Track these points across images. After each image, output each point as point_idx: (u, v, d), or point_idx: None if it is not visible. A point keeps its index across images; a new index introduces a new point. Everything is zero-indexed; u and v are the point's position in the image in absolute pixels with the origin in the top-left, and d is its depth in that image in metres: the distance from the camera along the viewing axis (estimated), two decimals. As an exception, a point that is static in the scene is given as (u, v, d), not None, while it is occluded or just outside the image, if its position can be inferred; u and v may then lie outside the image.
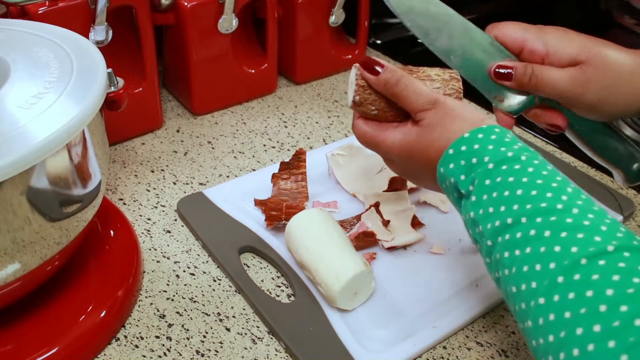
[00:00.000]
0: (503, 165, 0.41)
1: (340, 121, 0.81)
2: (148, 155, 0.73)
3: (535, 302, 0.35)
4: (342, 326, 0.50)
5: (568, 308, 0.33)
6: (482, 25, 0.56)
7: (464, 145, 0.43)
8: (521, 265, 0.37)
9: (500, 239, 0.39)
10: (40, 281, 0.48)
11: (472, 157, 0.42)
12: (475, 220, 0.41)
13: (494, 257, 0.40)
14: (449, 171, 0.43)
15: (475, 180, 0.42)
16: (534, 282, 0.36)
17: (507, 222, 0.39)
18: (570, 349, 0.32)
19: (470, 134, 0.43)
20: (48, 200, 0.43)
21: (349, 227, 0.60)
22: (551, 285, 0.34)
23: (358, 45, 0.92)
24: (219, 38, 0.76)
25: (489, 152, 0.42)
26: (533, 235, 0.37)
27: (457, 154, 0.43)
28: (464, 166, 0.42)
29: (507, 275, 0.38)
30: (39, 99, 0.43)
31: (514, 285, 0.37)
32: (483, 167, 0.41)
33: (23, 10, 0.61)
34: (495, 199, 0.40)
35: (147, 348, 0.50)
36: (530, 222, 0.38)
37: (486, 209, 0.40)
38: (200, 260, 0.58)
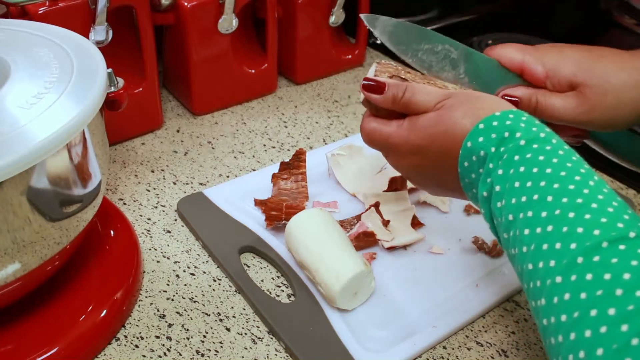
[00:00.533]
0: (534, 144, 0.41)
1: (340, 121, 0.81)
2: (148, 155, 0.73)
3: (552, 281, 0.35)
4: (342, 326, 0.51)
5: (585, 289, 0.33)
6: (483, 25, 0.56)
7: (495, 120, 0.42)
8: (541, 242, 0.37)
9: (522, 214, 0.39)
10: (40, 281, 0.48)
11: (505, 131, 0.42)
12: (499, 194, 0.41)
13: (513, 233, 0.39)
14: (478, 144, 0.42)
15: (505, 154, 0.41)
16: (552, 260, 0.36)
17: (532, 198, 0.38)
18: (582, 330, 0.32)
19: (501, 113, 0.43)
20: (48, 200, 0.43)
21: (349, 227, 0.60)
22: (570, 264, 0.34)
23: (358, 45, 0.92)
24: (219, 38, 0.76)
25: (521, 129, 0.42)
26: (557, 215, 0.37)
27: (488, 128, 0.42)
28: (495, 139, 0.42)
29: (525, 252, 0.38)
30: (39, 99, 0.43)
31: (530, 262, 0.37)
32: (515, 142, 0.41)
33: (23, 10, 0.61)
34: (522, 174, 0.40)
35: (147, 348, 0.50)
36: (556, 201, 0.38)
37: (512, 183, 0.40)
38: (200, 260, 0.58)
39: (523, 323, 0.54)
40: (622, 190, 0.69)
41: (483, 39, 1.03)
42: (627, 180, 0.71)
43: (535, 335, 0.52)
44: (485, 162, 0.42)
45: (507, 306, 0.55)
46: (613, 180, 0.70)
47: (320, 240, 0.54)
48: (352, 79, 0.92)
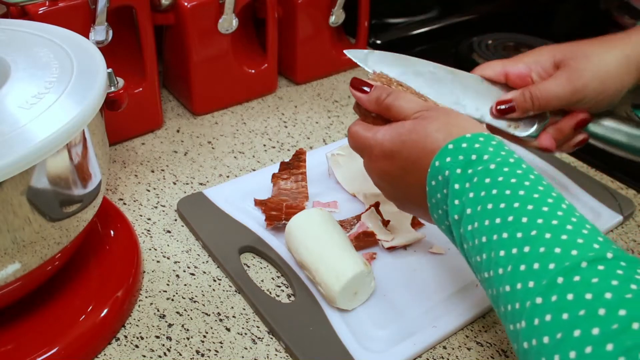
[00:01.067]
0: (505, 167, 0.41)
1: (340, 121, 0.81)
2: (148, 155, 0.73)
3: (532, 302, 0.35)
4: (342, 326, 0.51)
5: (566, 309, 0.33)
6: (483, 25, 0.57)
7: (464, 142, 0.43)
8: (518, 263, 0.36)
9: (496, 236, 0.38)
10: (40, 281, 0.48)
11: (472, 154, 0.42)
12: (471, 217, 0.41)
13: (487, 255, 0.39)
14: (445, 164, 0.42)
15: (475, 177, 0.41)
16: (531, 281, 0.35)
17: (507, 220, 0.38)
18: (566, 351, 0.32)
19: (472, 135, 0.43)
20: (48, 200, 0.43)
21: (349, 227, 0.60)
22: (550, 285, 0.34)
23: (358, 46, 0.92)
24: (219, 38, 0.76)
25: (489, 152, 0.42)
26: (534, 235, 0.37)
27: (457, 149, 0.42)
28: (461, 161, 0.42)
29: (501, 274, 0.37)
30: (39, 99, 0.43)
31: (507, 284, 0.37)
32: (484, 164, 0.41)
33: (23, 10, 0.61)
34: (495, 196, 0.40)
35: (147, 348, 0.50)
36: (532, 222, 0.37)
37: (484, 205, 0.40)
38: (200, 260, 0.58)
39: (523, 323, 0.54)
40: (622, 190, 0.69)
41: (483, 39, 1.03)
42: (627, 180, 0.71)
43: (535, 335, 0.52)
44: (449, 183, 0.42)
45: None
46: (613, 180, 0.70)
47: (320, 240, 0.54)
48: (352, 79, 0.92)
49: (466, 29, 1.09)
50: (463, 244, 0.42)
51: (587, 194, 0.67)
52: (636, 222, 0.65)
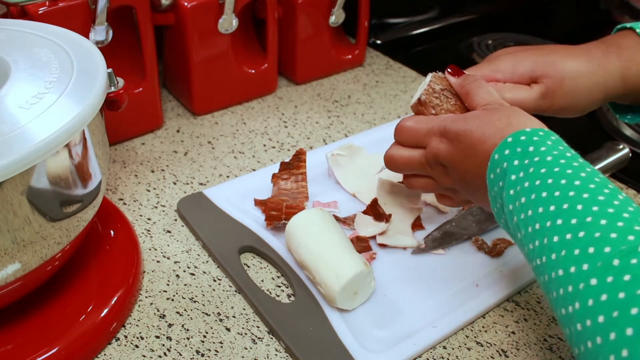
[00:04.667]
0: (561, 159, 0.41)
1: (340, 121, 0.81)
2: (148, 155, 0.73)
3: (586, 284, 0.35)
4: (342, 326, 0.51)
5: (623, 289, 0.33)
6: (483, 25, 0.57)
7: (523, 135, 0.43)
8: (572, 248, 0.37)
9: (549, 223, 0.39)
10: (41, 281, 0.48)
11: (530, 146, 0.42)
12: (525, 205, 0.41)
13: (539, 242, 0.39)
14: (504, 157, 0.43)
15: (531, 167, 0.42)
16: (585, 264, 0.35)
17: (562, 207, 0.39)
18: (623, 328, 0.32)
19: (531, 129, 0.44)
20: (48, 200, 0.43)
21: (351, 222, 0.61)
22: (605, 267, 0.34)
23: (358, 45, 0.92)
24: (219, 38, 0.76)
25: (547, 145, 0.42)
26: (589, 222, 0.37)
27: (515, 142, 0.43)
28: (519, 153, 0.43)
29: (554, 259, 0.38)
30: (39, 99, 0.43)
31: (561, 268, 0.37)
32: (541, 155, 0.42)
33: (23, 10, 0.61)
34: (550, 185, 0.40)
35: (147, 348, 0.50)
36: (587, 209, 0.38)
37: (539, 193, 0.40)
38: (200, 260, 0.58)
39: (523, 323, 0.54)
40: (622, 190, 0.69)
41: (483, 39, 1.03)
42: (627, 180, 0.71)
43: (535, 335, 0.52)
44: (506, 174, 0.43)
45: (507, 306, 0.55)
46: (613, 181, 0.70)
47: (320, 240, 0.54)
48: (352, 79, 0.92)
49: (466, 29, 1.09)
50: (517, 234, 0.42)
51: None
52: (636, 222, 0.65)
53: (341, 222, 0.61)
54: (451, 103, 0.51)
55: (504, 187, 0.43)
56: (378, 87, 0.90)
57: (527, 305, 0.55)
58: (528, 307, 0.55)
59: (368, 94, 0.88)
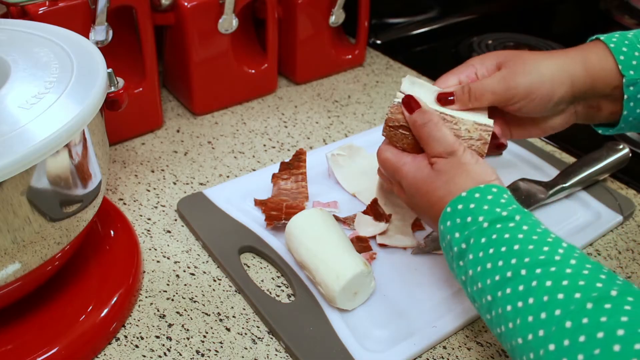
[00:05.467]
0: (497, 224, 0.42)
1: (340, 121, 0.81)
2: (148, 155, 0.73)
3: (545, 350, 0.35)
4: (342, 326, 0.51)
5: (580, 351, 0.33)
6: (483, 25, 0.57)
7: (460, 203, 0.45)
8: (525, 315, 0.38)
9: (500, 293, 0.40)
10: (40, 281, 0.48)
11: (467, 216, 0.44)
12: (474, 278, 0.42)
13: (495, 312, 0.40)
14: (446, 229, 0.45)
15: (471, 238, 0.43)
16: (540, 330, 0.36)
17: (506, 276, 0.40)
18: None
19: (467, 193, 0.45)
20: (48, 200, 0.43)
21: (352, 222, 0.61)
22: (559, 330, 0.35)
23: (358, 45, 0.92)
24: (219, 38, 0.76)
25: (483, 211, 0.44)
26: (534, 286, 0.38)
27: (454, 212, 0.45)
28: (458, 224, 0.44)
29: (511, 328, 0.39)
30: (39, 99, 0.43)
31: (519, 336, 0.38)
32: (478, 225, 0.43)
33: (23, 10, 0.61)
34: (492, 255, 0.41)
35: (147, 348, 0.50)
36: (530, 273, 0.39)
37: (484, 265, 0.42)
38: (200, 260, 0.58)
39: (523, 323, 0.54)
40: (622, 190, 0.69)
41: (483, 39, 1.03)
42: (627, 180, 0.71)
43: (535, 335, 0.52)
44: (452, 246, 0.45)
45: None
46: (613, 181, 0.70)
47: (320, 240, 0.54)
48: (352, 79, 0.92)
49: (466, 29, 1.09)
50: (474, 304, 0.43)
51: (587, 193, 0.67)
52: (636, 222, 0.65)
53: (341, 222, 0.61)
54: (407, 141, 0.52)
55: (453, 258, 0.45)
56: (378, 87, 0.90)
57: (527, 305, 0.55)
58: (528, 307, 0.55)
59: (368, 94, 0.88)
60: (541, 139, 0.78)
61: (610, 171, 0.68)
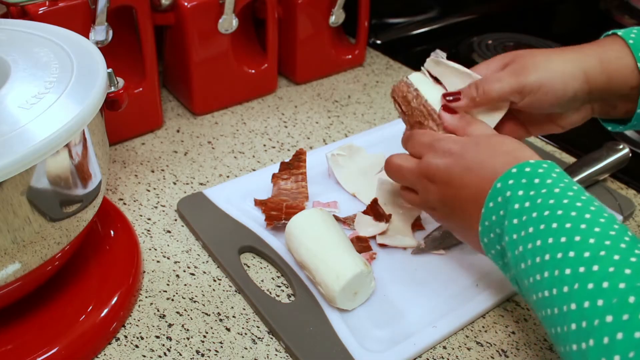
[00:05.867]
0: (569, 192, 0.42)
1: (340, 121, 0.81)
2: (148, 155, 0.73)
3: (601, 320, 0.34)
4: (342, 326, 0.51)
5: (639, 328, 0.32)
6: (483, 25, 0.58)
7: (528, 167, 0.44)
8: (586, 282, 0.36)
9: (560, 254, 0.38)
10: (40, 281, 0.48)
11: (535, 178, 0.43)
12: (532, 235, 0.41)
13: (549, 273, 0.39)
14: (507, 186, 0.43)
15: (538, 199, 0.42)
16: (600, 299, 0.35)
17: (574, 240, 0.38)
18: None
19: (535, 162, 0.44)
20: (48, 200, 0.43)
21: (352, 222, 0.61)
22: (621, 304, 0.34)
23: (358, 45, 0.92)
24: (219, 38, 0.76)
25: (552, 177, 0.43)
26: (603, 256, 0.37)
27: (520, 173, 0.44)
28: (524, 184, 0.43)
29: (566, 292, 0.37)
30: (39, 99, 0.43)
31: (574, 302, 0.36)
32: (547, 187, 0.42)
33: (23, 10, 0.61)
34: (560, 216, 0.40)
35: (147, 348, 0.50)
36: (600, 243, 0.38)
37: (549, 224, 0.40)
38: (200, 260, 0.58)
39: (523, 323, 0.54)
40: (622, 190, 0.69)
41: (483, 39, 1.03)
42: (627, 180, 0.71)
43: (535, 335, 0.52)
44: (509, 203, 0.43)
45: (507, 306, 0.55)
46: (613, 181, 0.70)
47: (320, 240, 0.54)
48: (352, 79, 0.92)
49: (466, 29, 1.09)
50: (520, 264, 0.42)
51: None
52: (636, 222, 0.65)
53: (341, 222, 0.61)
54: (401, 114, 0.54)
55: (506, 216, 0.43)
56: (378, 87, 0.90)
57: (527, 305, 0.55)
58: (528, 307, 0.55)
59: (368, 94, 0.88)
60: (541, 138, 0.78)
61: (610, 171, 0.68)
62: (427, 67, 0.55)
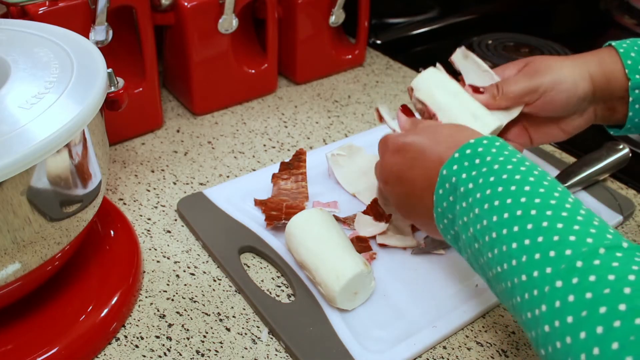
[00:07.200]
0: (508, 165, 0.42)
1: (340, 121, 0.81)
2: (148, 155, 0.73)
3: (551, 286, 0.35)
4: (342, 326, 0.51)
5: (589, 289, 0.33)
6: (483, 25, 0.59)
7: (468, 148, 0.45)
8: (533, 253, 0.37)
9: (506, 230, 0.39)
10: (40, 281, 0.48)
11: (476, 158, 0.44)
12: (479, 216, 0.42)
13: (498, 250, 0.40)
14: (451, 172, 0.45)
15: (480, 178, 0.43)
16: (548, 267, 0.36)
17: (515, 214, 0.39)
18: (593, 327, 0.32)
19: (475, 140, 0.45)
20: (48, 200, 0.43)
21: (352, 222, 0.61)
22: (569, 269, 0.35)
23: (358, 45, 0.93)
24: (219, 38, 0.76)
25: (492, 153, 0.44)
26: (545, 226, 0.38)
27: (462, 156, 0.45)
28: (466, 166, 0.44)
29: (515, 265, 0.38)
30: (39, 99, 0.43)
31: (523, 273, 0.38)
32: (488, 165, 0.43)
33: (23, 10, 0.61)
34: (501, 193, 0.41)
35: (147, 348, 0.50)
36: (541, 214, 0.38)
37: (491, 203, 0.41)
38: (200, 260, 0.58)
39: (523, 323, 0.54)
40: (622, 190, 0.69)
41: (483, 39, 1.03)
42: (627, 180, 0.71)
43: (535, 335, 0.52)
44: (457, 188, 0.44)
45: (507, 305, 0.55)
46: (613, 181, 0.70)
47: (320, 240, 0.54)
48: (352, 79, 0.92)
49: (466, 29, 1.09)
50: (473, 245, 0.43)
51: (587, 193, 0.67)
52: (636, 222, 0.65)
53: (341, 222, 0.61)
54: None
55: (455, 201, 0.44)
56: (378, 87, 0.90)
57: (527, 305, 0.55)
58: (528, 307, 0.55)
59: (368, 94, 0.88)
60: (541, 139, 0.78)
61: (610, 171, 0.68)
62: (455, 59, 0.58)
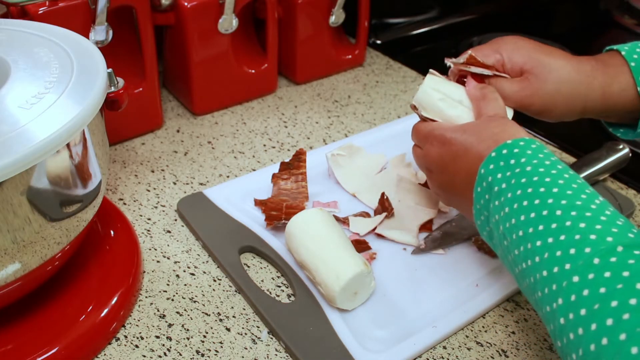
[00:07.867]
0: (540, 168, 0.44)
1: (340, 121, 0.81)
2: (148, 155, 0.73)
3: (568, 281, 0.37)
4: (342, 326, 0.51)
5: (603, 284, 0.36)
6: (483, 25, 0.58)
7: (505, 149, 0.46)
8: (554, 250, 0.39)
9: (531, 229, 0.41)
10: (41, 281, 0.48)
11: (511, 159, 0.45)
12: (509, 214, 0.44)
13: (524, 247, 0.42)
14: (488, 171, 0.46)
15: (513, 179, 0.44)
16: (567, 264, 0.38)
17: (542, 214, 0.41)
18: (603, 319, 0.34)
19: (512, 141, 0.46)
20: (48, 200, 0.43)
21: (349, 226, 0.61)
22: (586, 265, 0.37)
23: (358, 45, 0.92)
24: (219, 38, 0.76)
25: (527, 155, 0.45)
26: (568, 226, 0.40)
27: (498, 156, 0.46)
28: (502, 166, 0.45)
29: (538, 261, 0.40)
30: (39, 99, 0.43)
31: (545, 269, 0.40)
32: (521, 167, 0.44)
33: (23, 10, 0.61)
34: (530, 194, 0.43)
35: (147, 348, 0.50)
36: (566, 214, 0.40)
37: (520, 203, 0.43)
38: (200, 260, 0.58)
39: (523, 323, 0.54)
40: (622, 190, 0.69)
41: (483, 39, 1.03)
42: (627, 180, 0.71)
43: (535, 335, 0.52)
44: (491, 187, 0.45)
45: (507, 306, 0.55)
46: (613, 181, 0.70)
47: (320, 240, 0.54)
48: (352, 79, 0.92)
49: (466, 29, 1.09)
50: (503, 242, 0.45)
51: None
52: (636, 222, 0.65)
53: (341, 222, 0.61)
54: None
55: (490, 200, 0.46)
56: (378, 87, 0.90)
57: (527, 305, 0.55)
58: (528, 307, 0.55)
59: (368, 94, 0.88)
60: (541, 138, 0.78)
61: (610, 171, 0.68)
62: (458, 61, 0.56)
